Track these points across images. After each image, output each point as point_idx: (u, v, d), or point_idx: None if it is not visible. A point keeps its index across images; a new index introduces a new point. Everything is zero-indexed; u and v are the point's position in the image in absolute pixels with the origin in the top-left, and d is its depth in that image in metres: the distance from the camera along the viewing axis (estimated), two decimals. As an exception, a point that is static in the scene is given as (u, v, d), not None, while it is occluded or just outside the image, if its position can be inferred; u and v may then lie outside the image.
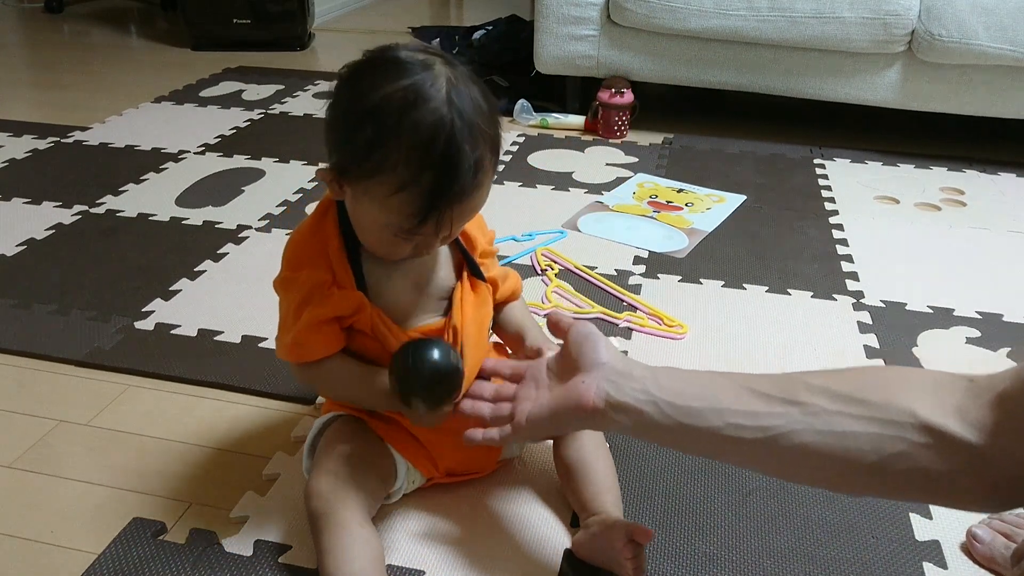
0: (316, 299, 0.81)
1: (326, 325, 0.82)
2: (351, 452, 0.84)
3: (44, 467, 0.98)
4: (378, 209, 0.75)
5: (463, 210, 0.75)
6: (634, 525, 0.78)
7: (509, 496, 0.93)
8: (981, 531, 0.87)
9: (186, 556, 0.84)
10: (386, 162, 0.71)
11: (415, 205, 0.72)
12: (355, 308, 0.81)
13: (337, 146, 0.76)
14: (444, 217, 0.74)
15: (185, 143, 2.02)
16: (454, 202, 0.73)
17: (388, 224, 0.75)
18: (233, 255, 1.48)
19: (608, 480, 0.87)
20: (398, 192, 0.72)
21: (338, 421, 0.88)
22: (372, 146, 0.72)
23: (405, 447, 0.88)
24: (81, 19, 3.54)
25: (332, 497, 0.79)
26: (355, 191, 0.76)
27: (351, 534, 0.77)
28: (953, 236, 1.62)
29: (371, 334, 0.83)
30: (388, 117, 0.71)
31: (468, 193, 0.74)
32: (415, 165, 0.71)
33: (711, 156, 2.02)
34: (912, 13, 1.88)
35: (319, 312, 0.81)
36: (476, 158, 0.73)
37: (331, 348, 0.83)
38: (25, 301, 1.31)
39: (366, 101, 0.72)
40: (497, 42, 2.59)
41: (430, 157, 0.71)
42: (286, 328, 0.84)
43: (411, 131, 0.70)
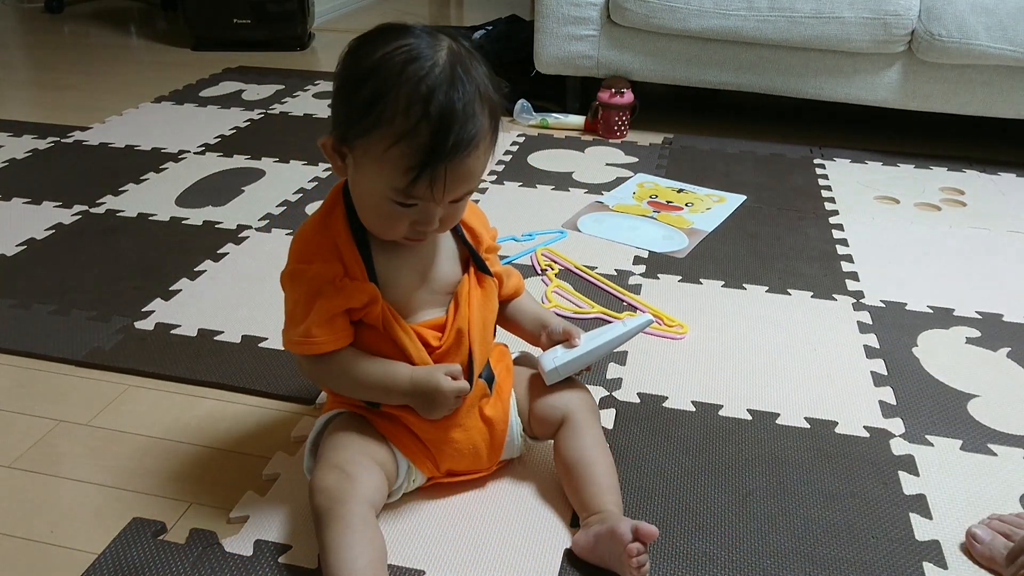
0: (328, 291, 0.81)
1: (338, 318, 0.82)
2: (355, 448, 0.84)
3: (44, 467, 0.98)
4: (375, 169, 0.75)
5: (457, 172, 0.75)
6: (638, 524, 0.78)
7: (510, 496, 0.93)
8: (981, 531, 0.87)
9: (186, 556, 0.84)
10: (384, 115, 0.72)
11: (410, 159, 0.73)
12: (368, 300, 0.81)
13: (339, 110, 0.78)
14: (438, 175, 0.73)
15: (185, 143, 2.02)
16: (449, 159, 0.73)
17: (385, 186, 0.75)
18: (233, 255, 1.48)
19: (608, 479, 0.87)
20: (394, 145, 0.72)
21: (341, 418, 0.88)
22: (372, 101, 0.73)
23: (407, 446, 0.88)
24: (81, 19, 3.54)
25: (337, 493, 0.79)
26: (355, 155, 0.77)
27: (355, 531, 0.77)
28: (953, 236, 1.62)
29: (380, 328, 0.83)
30: (388, 72, 0.73)
31: (463, 150, 0.74)
32: (413, 117, 0.72)
33: (711, 156, 2.02)
34: (912, 13, 1.88)
35: (331, 304, 0.81)
36: (473, 116, 0.73)
37: (342, 341, 0.83)
38: (25, 301, 1.31)
39: (368, 61, 0.74)
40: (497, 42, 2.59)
41: (427, 110, 0.72)
42: (294, 321, 0.83)
43: (410, 84, 0.72)
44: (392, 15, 0.85)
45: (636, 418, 1.07)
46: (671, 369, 1.17)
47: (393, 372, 0.83)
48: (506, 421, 0.92)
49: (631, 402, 1.10)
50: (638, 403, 1.10)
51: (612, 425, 1.05)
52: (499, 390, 0.92)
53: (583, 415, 0.91)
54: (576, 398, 0.93)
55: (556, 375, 0.92)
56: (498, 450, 0.92)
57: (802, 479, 0.97)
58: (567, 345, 0.92)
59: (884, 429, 1.06)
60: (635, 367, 1.17)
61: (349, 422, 0.87)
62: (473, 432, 0.89)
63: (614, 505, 0.85)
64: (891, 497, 0.95)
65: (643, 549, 0.78)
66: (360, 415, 0.88)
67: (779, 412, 1.08)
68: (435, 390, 0.82)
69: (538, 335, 0.95)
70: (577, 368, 0.92)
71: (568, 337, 0.92)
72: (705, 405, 1.09)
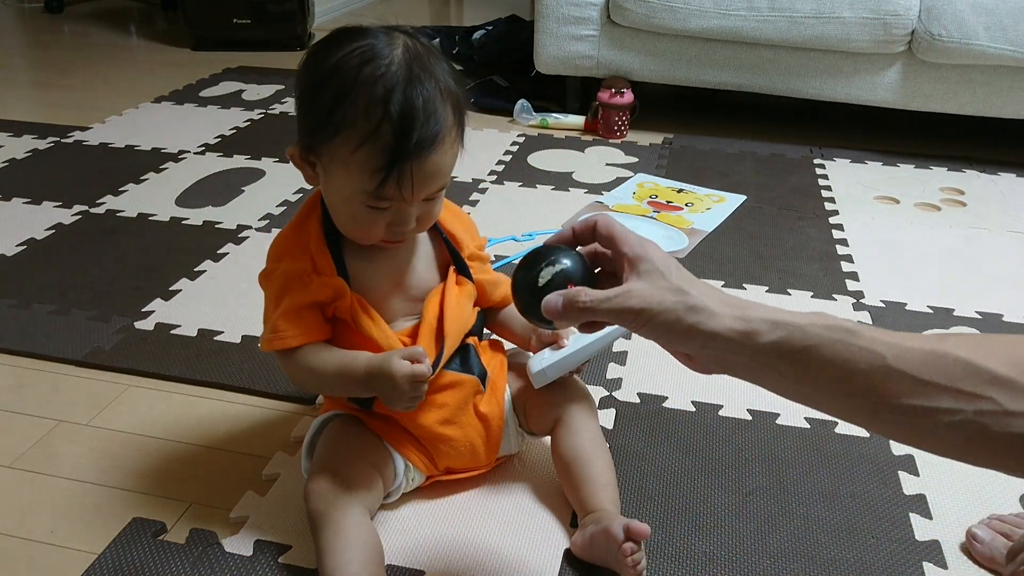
0: (295, 287, 0.81)
1: (306, 311, 0.82)
2: (350, 451, 0.84)
3: (44, 467, 0.98)
4: (344, 174, 0.75)
5: (425, 170, 0.74)
6: (630, 522, 0.78)
7: (509, 496, 0.93)
8: (981, 531, 0.87)
9: (186, 556, 0.84)
10: (345, 119, 0.73)
11: (376, 161, 0.73)
12: (335, 294, 0.82)
13: (302, 119, 0.78)
14: (405, 174, 0.73)
15: (185, 143, 2.02)
16: (414, 157, 0.73)
17: (356, 190, 0.75)
18: (233, 255, 1.48)
19: (605, 476, 0.87)
20: (359, 148, 0.73)
21: (336, 420, 0.89)
22: (332, 107, 0.73)
23: (403, 445, 0.88)
24: (81, 19, 3.54)
25: (331, 496, 0.79)
26: (323, 162, 0.78)
27: (350, 534, 0.77)
28: (953, 236, 1.62)
29: (351, 322, 0.83)
30: (345, 75, 0.73)
31: (428, 148, 0.74)
32: (374, 119, 0.72)
33: (711, 156, 2.02)
34: (912, 13, 1.88)
35: (297, 298, 0.81)
36: (435, 112, 0.73)
37: (311, 336, 0.82)
38: (25, 301, 1.31)
39: (324, 66, 0.75)
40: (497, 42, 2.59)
41: (387, 110, 0.72)
42: (265, 319, 0.84)
43: (367, 85, 0.72)
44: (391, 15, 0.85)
45: (636, 418, 1.07)
46: (671, 369, 1.17)
47: (351, 360, 0.81)
48: (502, 417, 0.92)
49: (631, 402, 1.10)
50: (638, 403, 1.10)
51: (612, 425, 1.05)
52: (493, 386, 0.92)
53: (580, 412, 0.91)
54: (573, 394, 0.93)
55: (543, 377, 0.89)
56: (495, 446, 0.92)
57: (802, 479, 0.97)
58: (555, 346, 0.91)
59: (884, 429, 1.06)
60: (635, 367, 1.17)
61: (343, 425, 0.88)
62: (469, 429, 0.89)
63: (610, 503, 0.85)
64: (891, 497, 0.95)
65: (637, 548, 0.78)
66: (355, 416, 0.89)
67: (779, 412, 1.08)
68: (388, 375, 0.78)
69: (528, 338, 0.94)
70: (566, 369, 0.90)
71: (556, 339, 0.91)
72: (705, 405, 1.09)
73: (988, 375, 0.50)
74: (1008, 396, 0.49)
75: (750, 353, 0.56)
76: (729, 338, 0.56)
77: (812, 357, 0.54)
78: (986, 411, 0.49)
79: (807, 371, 0.55)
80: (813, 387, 0.56)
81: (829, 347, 0.53)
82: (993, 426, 0.49)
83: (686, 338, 0.58)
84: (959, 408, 0.50)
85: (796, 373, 0.55)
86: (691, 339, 0.58)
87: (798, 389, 0.57)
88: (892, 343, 0.52)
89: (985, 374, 0.50)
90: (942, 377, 0.50)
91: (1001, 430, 0.49)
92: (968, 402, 0.50)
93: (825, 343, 0.54)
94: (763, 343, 0.55)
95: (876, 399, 0.52)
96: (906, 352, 0.52)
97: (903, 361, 0.52)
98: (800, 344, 0.54)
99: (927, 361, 0.51)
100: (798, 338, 0.54)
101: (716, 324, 0.57)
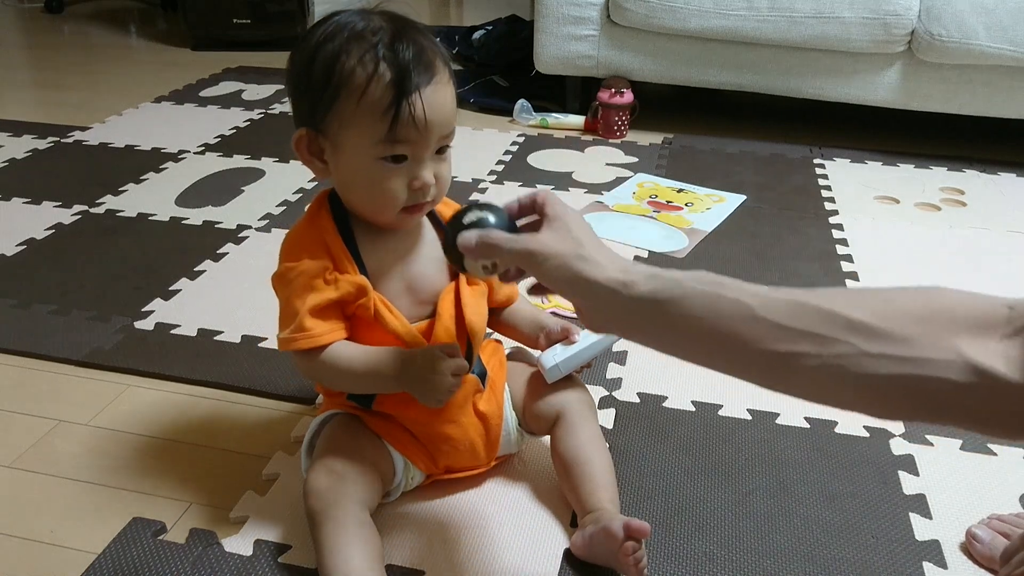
0: (318, 286, 0.80)
1: (330, 310, 0.81)
2: (349, 450, 0.84)
3: (44, 467, 0.98)
4: (355, 133, 0.76)
5: (432, 101, 0.76)
6: (630, 520, 0.78)
7: (510, 496, 0.93)
8: (981, 531, 0.87)
9: (186, 556, 0.84)
10: (343, 75, 0.75)
11: (383, 101, 0.74)
12: (359, 291, 0.81)
13: (300, 104, 0.80)
14: (415, 103, 0.75)
15: (185, 143, 2.02)
16: (419, 84, 0.75)
17: (370, 145, 0.76)
18: (233, 255, 1.48)
19: (604, 476, 0.87)
20: (363, 96, 0.75)
21: (335, 419, 0.89)
22: (327, 71, 0.76)
23: (403, 444, 0.88)
24: (81, 19, 3.54)
25: (330, 495, 0.79)
26: (331, 136, 0.78)
27: (349, 532, 0.77)
28: (953, 236, 1.62)
29: (373, 319, 0.82)
30: (331, 42, 0.76)
31: (428, 73, 0.76)
32: (370, 63, 0.75)
33: (711, 156, 2.02)
34: (912, 13, 1.88)
35: (323, 296, 0.80)
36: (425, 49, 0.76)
37: (335, 334, 0.82)
38: (25, 301, 1.31)
39: (308, 47, 0.78)
40: (497, 42, 2.59)
41: (380, 53, 0.75)
42: (287, 319, 0.83)
43: (356, 40, 0.76)
44: (392, 15, 0.86)
45: (636, 418, 1.07)
46: (671, 369, 1.17)
47: (382, 356, 0.81)
48: (501, 416, 0.92)
49: (631, 402, 1.10)
50: (638, 403, 1.10)
51: (612, 425, 1.05)
52: (493, 385, 0.92)
53: (579, 411, 0.91)
54: (572, 394, 0.93)
55: (557, 372, 0.92)
56: (494, 446, 0.92)
57: (802, 479, 0.97)
58: (566, 342, 0.92)
59: (884, 429, 1.06)
60: (635, 367, 1.17)
61: (343, 424, 0.88)
62: (468, 428, 0.89)
63: (609, 502, 0.85)
64: (891, 497, 0.95)
65: (638, 546, 0.78)
66: (354, 416, 0.89)
67: (779, 412, 1.08)
68: (431, 367, 0.78)
69: (536, 337, 0.94)
70: (578, 364, 0.92)
71: (567, 335, 0.92)
72: (705, 405, 1.09)
73: (845, 321, 0.53)
74: (864, 339, 0.52)
75: (626, 302, 0.60)
76: (608, 287, 0.61)
77: (683, 307, 0.58)
78: (844, 354, 0.52)
79: (677, 320, 0.58)
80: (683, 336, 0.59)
81: (699, 298, 0.57)
82: (851, 367, 0.52)
83: (572, 285, 0.63)
84: (818, 352, 0.53)
85: (666, 322, 0.59)
86: (575, 286, 0.62)
87: (668, 338, 0.61)
88: (759, 294, 0.56)
89: (842, 320, 0.53)
90: (802, 323, 0.54)
91: (859, 371, 0.52)
92: (826, 346, 0.53)
93: (696, 294, 0.57)
94: (637, 292, 0.59)
95: (741, 346, 0.56)
96: (771, 302, 0.55)
97: (767, 310, 0.55)
98: (672, 294, 0.58)
99: (790, 310, 0.54)
100: (671, 288, 0.58)
101: (598, 273, 0.61)
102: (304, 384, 1.10)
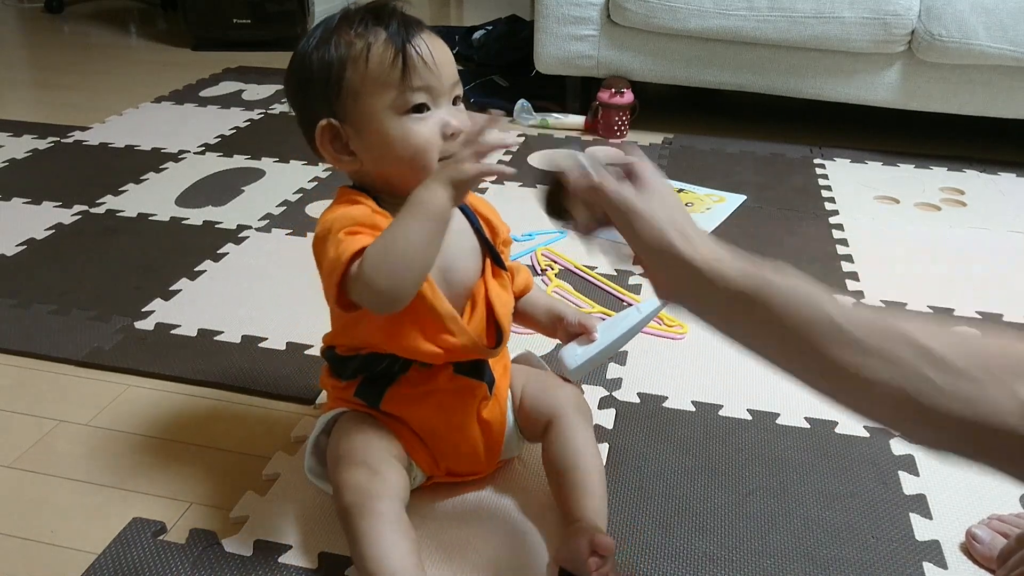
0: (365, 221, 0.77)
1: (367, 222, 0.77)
2: (375, 444, 0.83)
3: (44, 467, 0.98)
4: (370, 99, 0.78)
5: (435, 45, 0.79)
6: (594, 536, 0.78)
7: (510, 497, 0.93)
8: (981, 531, 0.87)
9: (186, 556, 0.84)
10: (343, 51, 0.78)
11: (389, 55, 0.77)
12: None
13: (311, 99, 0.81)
14: (421, 47, 0.77)
15: (185, 143, 2.02)
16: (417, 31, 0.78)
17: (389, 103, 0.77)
18: (233, 255, 1.48)
19: (592, 485, 0.86)
20: (366, 59, 0.77)
21: (347, 416, 0.87)
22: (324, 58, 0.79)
23: (409, 444, 0.87)
24: (81, 19, 3.54)
25: (368, 489, 0.78)
26: (349, 116, 0.79)
27: (393, 526, 0.77)
28: (953, 236, 1.62)
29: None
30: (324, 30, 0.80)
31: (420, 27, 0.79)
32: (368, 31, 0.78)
33: (711, 156, 2.02)
34: (912, 13, 1.88)
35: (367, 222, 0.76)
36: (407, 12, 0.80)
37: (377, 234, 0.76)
38: (25, 301, 1.31)
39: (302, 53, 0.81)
40: (497, 42, 2.59)
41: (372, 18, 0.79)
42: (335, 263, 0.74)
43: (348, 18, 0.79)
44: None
45: (636, 418, 1.07)
46: (671, 369, 1.17)
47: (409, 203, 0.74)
48: (503, 423, 0.91)
49: (631, 402, 1.10)
50: (638, 403, 1.10)
51: (612, 425, 1.05)
52: (497, 391, 0.91)
53: (571, 417, 0.90)
54: (565, 399, 0.92)
55: (581, 372, 0.91)
56: (496, 452, 0.92)
57: (802, 479, 0.97)
58: (586, 339, 0.91)
59: (884, 429, 1.06)
60: (635, 367, 1.17)
61: (359, 420, 0.86)
62: (471, 433, 0.89)
63: (592, 512, 0.84)
64: (891, 497, 0.95)
65: (602, 563, 0.77)
66: (365, 413, 0.88)
67: (779, 412, 1.08)
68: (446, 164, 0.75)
69: (554, 328, 0.94)
70: (599, 362, 0.92)
71: (584, 330, 0.91)
72: (705, 405, 1.09)
73: (922, 348, 0.53)
74: (936, 371, 0.52)
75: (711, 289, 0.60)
76: (698, 269, 0.60)
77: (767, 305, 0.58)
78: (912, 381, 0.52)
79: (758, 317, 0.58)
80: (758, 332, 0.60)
81: (784, 298, 0.57)
82: (916, 395, 0.52)
83: (660, 255, 0.63)
84: (889, 373, 0.53)
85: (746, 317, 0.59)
86: (663, 257, 0.62)
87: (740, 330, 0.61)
88: (844, 307, 0.56)
89: (919, 347, 0.53)
90: (878, 341, 0.54)
91: (923, 400, 0.52)
92: (898, 369, 0.53)
93: (781, 294, 0.57)
94: (725, 284, 0.59)
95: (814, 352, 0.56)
96: (852, 314, 0.55)
97: (848, 321, 0.55)
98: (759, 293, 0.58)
99: (869, 326, 0.54)
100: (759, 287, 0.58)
101: (691, 252, 0.61)
102: (304, 384, 1.10)
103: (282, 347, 1.19)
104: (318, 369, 0.96)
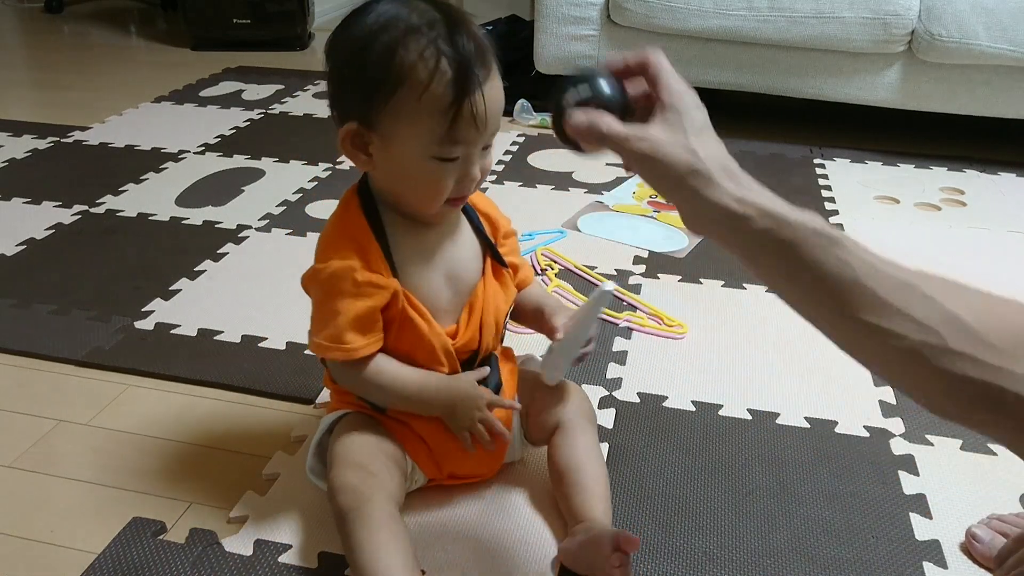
0: (350, 290, 0.79)
1: (369, 320, 0.80)
2: (373, 447, 0.83)
3: (44, 467, 0.98)
4: (411, 131, 0.74)
5: (492, 98, 0.75)
6: (621, 533, 0.78)
7: (510, 499, 0.93)
8: (981, 531, 0.87)
9: (186, 556, 0.84)
10: (403, 70, 0.72)
11: (445, 99, 0.72)
12: (390, 296, 0.80)
13: (350, 96, 0.77)
14: (478, 102, 0.73)
15: (185, 143, 2.02)
16: (481, 84, 0.73)
17: (427, 142, 0.74)
18: (233, 255, 1.48)
19: (598, 487, 0.86)
20: (425, 93, 0.72)
21: (350, 418, 0.87)
22: (385, 65, 0.73)
23: (412, 447, 0.87)
24: (81, 19, 3.54)
25: (362, 491, 0.78)
26: (382, 130, 0.76)
27: (385, 528, 0.77)
28: (953, 236, 1.62)
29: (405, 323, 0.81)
30: (388, 34, 0.73)
31: (487, 70, 0.74)
32: (431, 59, 0.72)
33: (711, 156, 2.02)
34: (912, 13, 1.88)
35: (360, 306, 0.79)
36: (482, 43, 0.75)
37: (375, 345, 0.81)
38: (25, 301, 1.31)
39: (359, 36, 0.74)
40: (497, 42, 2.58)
41: (440, 48, 0.72)
42: (321, 322, 0.81)
43: (412, 33, 0.73)
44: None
45: (636, 418, 1.07)
46: (671, 369, 1.17)
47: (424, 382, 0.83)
48: (509, 427, 0.90)
49: (631, 402, 1.10)
50: (638, 403, 1.10)
51: (612, 425, 1.05)
52: (503, 394, 0.91)
53: (577, 422, 0.90)
54: (572, 404, 0.92)
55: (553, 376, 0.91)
56: (500, 455, 0.92)
57: (802, 479, 0.97)
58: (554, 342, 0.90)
59: (884, 429, 1.06)
60: (635, 367, 1.17)
61: (361, 422, 0.86)
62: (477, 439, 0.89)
63: (602, 513, 0.84)
64: (891, 497, 0.95)
65: (625, 559, 0.77)
66: (368, 415, 0.88)
67: (779, 412, 1.08)
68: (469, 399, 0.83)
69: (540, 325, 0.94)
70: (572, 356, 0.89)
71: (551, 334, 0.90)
72: (705, 405, 1.09)
73: (944, 312, 0.52)
74: (954, 335, 0.51)
75: (736, 233, 0.60)
76: (721, 213, 0.60)
77: (792, 255, 0.57)
78: (930, 343, 0.52)
79: (784, 266, 0.58)
80: (786, 283, 0.59)
81: (809, 249, 0.56)
82: (932, 359, 0.52)
83: (680, 198, 0.61)
84: (906, 334, 0.52)
85: (773, 265, 0.59)
86: (684, 201, 0.61)
87: (766, 275, 0.61)
88: (868, 261, 0.55)
89: (942, 310, 0.52)
90: (901, 302, 0.53)
91: (938, 365, 0.51)
92: (916, 330, 0.52)
93: (807, 244, 0.56)
94: (751, 229, 0.58)
95: (835, 307, 0.55)
96: (878, 272, 0.54)
97: (872, 279, 0.54)
98: (784, 238, 0.57)
99: (893, 285, 0.54)
100: (785, 233, 0.57)
101: (713, 195, 0.60)
102: (305, 384, 1.10)
103: (282, 347, 1.19)
104: (318, 369, 0.96)
